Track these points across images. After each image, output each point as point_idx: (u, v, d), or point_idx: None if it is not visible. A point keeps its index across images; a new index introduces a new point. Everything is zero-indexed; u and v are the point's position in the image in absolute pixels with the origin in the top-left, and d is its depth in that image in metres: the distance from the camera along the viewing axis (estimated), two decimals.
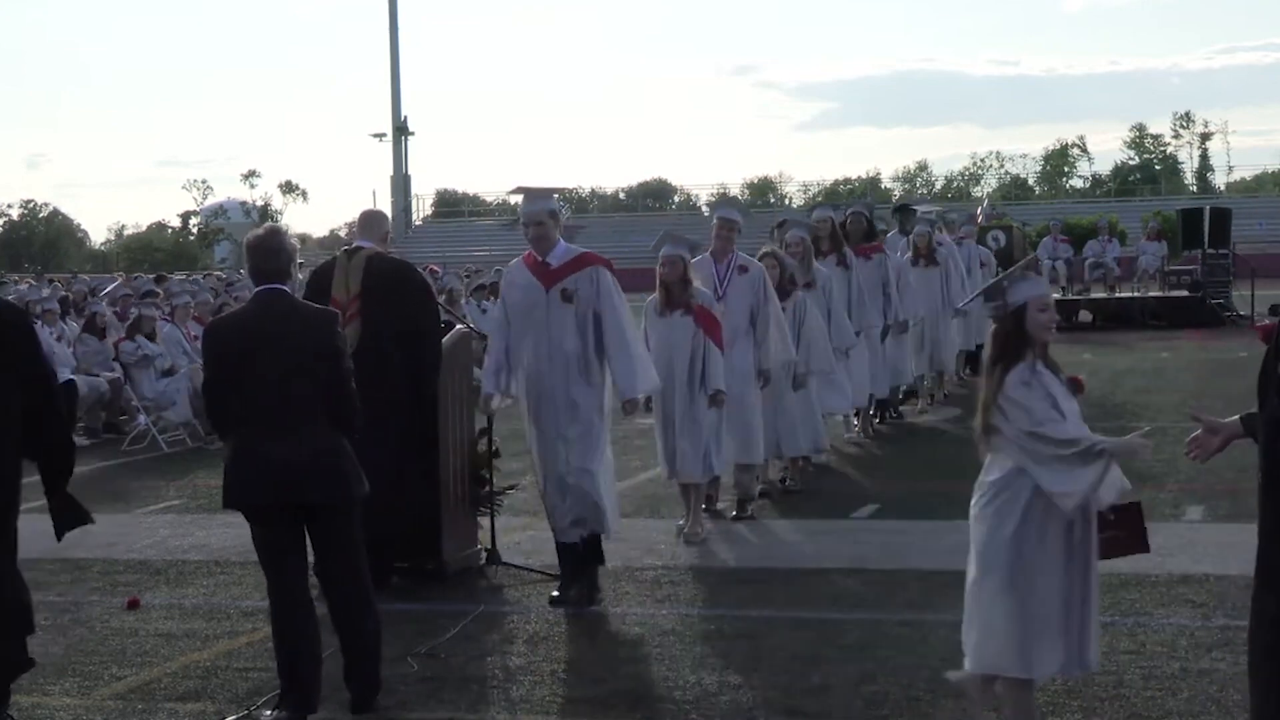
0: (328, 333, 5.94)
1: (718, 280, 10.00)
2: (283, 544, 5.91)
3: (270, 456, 5.77)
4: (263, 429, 5.79)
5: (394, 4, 62.54)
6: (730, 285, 10.05)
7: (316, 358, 5.85)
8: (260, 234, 6.05)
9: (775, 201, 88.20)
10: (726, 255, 10.15)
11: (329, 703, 6.05)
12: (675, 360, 9.26)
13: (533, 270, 8.01)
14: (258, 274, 6.02)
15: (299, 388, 5.79)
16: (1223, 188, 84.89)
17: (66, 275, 41.44)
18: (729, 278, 10.06)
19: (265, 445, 5.78)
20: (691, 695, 6.14)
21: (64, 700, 6.41)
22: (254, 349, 5.81)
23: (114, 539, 10.07)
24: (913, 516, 9.87)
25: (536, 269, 7.99)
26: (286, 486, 5.79)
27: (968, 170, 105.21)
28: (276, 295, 5.93)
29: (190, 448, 14.86)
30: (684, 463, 9.36)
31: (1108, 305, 28.35)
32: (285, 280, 5.99)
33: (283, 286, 5.97)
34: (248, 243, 6.09)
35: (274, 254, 5.96)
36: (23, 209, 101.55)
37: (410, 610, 7.68)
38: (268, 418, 5.79)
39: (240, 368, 5.82)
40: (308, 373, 5.81)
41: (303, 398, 5.80)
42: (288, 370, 5.79)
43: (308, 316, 6.01)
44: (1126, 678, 6.16)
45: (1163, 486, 10.58)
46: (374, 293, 8.27)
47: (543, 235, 7.96)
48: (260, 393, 5.79)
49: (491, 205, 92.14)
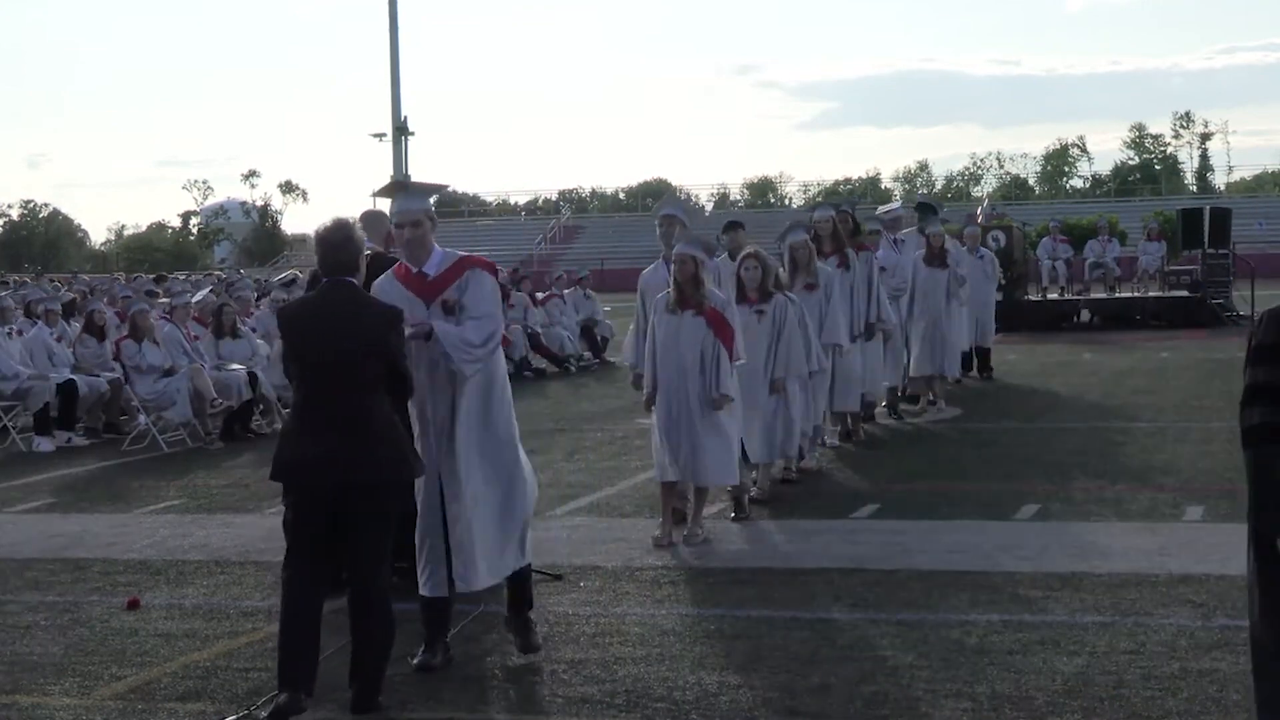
0: (382, 330, 6.09)
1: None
2: (313, 529, 6.01)
3: (315, 438, 5.96)
4: (313, 411, 6.03)
5: (394, 4, 62.40)
6: None
7: (370, 353, 6.02)
8: (329, 226, 6.24)
9: (775, 201, 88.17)
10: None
11: (329, 703, 6.05)
12: (686, 359, 9.10)
13: (406, 283, 6.68)
14: (325, 266, 6.19)
15: (349, 378, 5.99)
16: (1223, 188, 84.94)
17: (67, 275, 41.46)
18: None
19: (312, 427, 6.00)
20: (691, 695, 6.14)
21: (64, 700, 6.41)
22: (314, 334, 6.06)
23: (114, 539, 10.08)
24: (913, 516, 9.87)
25: (411, 281, 6.69)
26: (326, 471, 5.94)
27: (968, 170, 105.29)
28: (345, 287, 6.14)
29: (190, 448, 14.86)
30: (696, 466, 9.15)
31: (1108, 305, 28.36)
32: (352, 273, 6.18)
33: (350, 279, 6.16)
34: (317, 235, 6.27)
35: (342, 246, 6.16)
36: (23, 209, 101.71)
37: (410, 610, 7.66)
38: (318, 401, 6.02)
39: (301, 350, 6.09)
40: (359, 366, 6.00)
41: (352, 388, 5.98)
42: (340, 359, 5.99)
43: (367, 311, 6.17)
44: (1126, 678, 6.16)
45: (1163, 487, 10.59)
46: (374, 293, 8.26)
47: (419, 239, 6.68)
48: (314, 377, 6.03)
49: (491, 205, 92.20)
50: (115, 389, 16.04)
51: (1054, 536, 9.06)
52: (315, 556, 6.05)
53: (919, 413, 15.23)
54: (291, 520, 6.10)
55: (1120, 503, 10.08)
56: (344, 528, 6.03)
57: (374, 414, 6.02)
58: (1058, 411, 15.43)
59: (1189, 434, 13.11)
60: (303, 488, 6.03)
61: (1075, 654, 6.51)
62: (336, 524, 6.03)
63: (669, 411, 9.20)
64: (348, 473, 5.95)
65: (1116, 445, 12.69)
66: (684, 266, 9.11)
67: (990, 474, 11.51)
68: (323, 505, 6.00)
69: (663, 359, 9.15)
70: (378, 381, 6.05)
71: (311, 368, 6.06)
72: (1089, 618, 7.13)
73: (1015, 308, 26.30)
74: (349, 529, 6.03)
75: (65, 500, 11.84)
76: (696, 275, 9.11)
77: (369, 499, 6.01)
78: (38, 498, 11.09)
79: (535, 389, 19.94)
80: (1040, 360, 21.22)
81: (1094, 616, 7.16)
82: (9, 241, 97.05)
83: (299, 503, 6.05)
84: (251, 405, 15.81)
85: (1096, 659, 6.43)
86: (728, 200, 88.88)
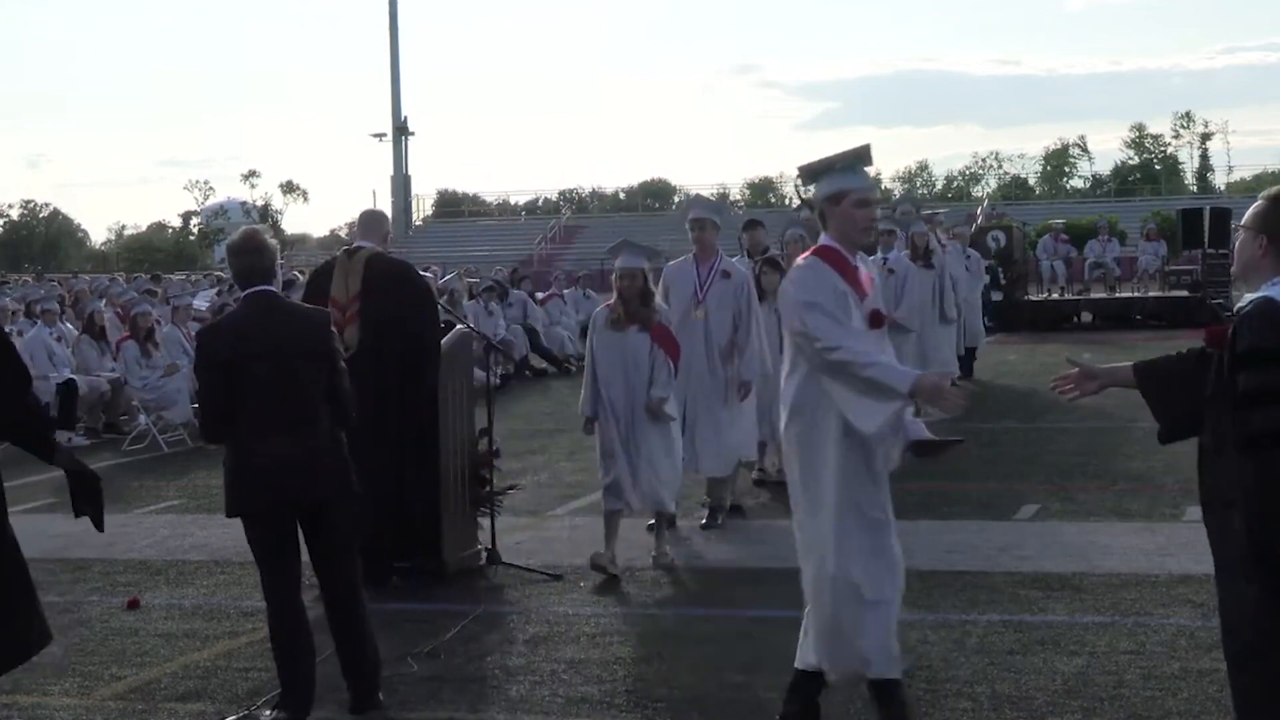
0: (321, 332, 5.97)
1: (698, 284, 9.61)
2: (280, 545, 5.92)
3: (269, 456, 5.78)
4: (260, 430, 5.80)
5: (394, 4, 62.52)
6: (711, 290, 9.59)
7: (310, 357, 5.87)
8: (239, 237, 6.04)
9: (775, 201, 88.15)
10: (709, 258, 9.70)
11: (329, 703, 6.05)
12: (632, 379, 8.48)
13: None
14: (243, 276, 6.00)
15: (294, 387, 5.81)
16: (1223, 188, 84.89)
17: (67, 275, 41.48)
18: (710, 282, 9.60)
19: (263, 447, 5.79)
20: (691, 695, 6.14)
21: (64, 700, 6.41)
22: (248, 351, 5.81)
23: (114, 539, 10.06)
24: (913, 516, 9.85)
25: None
26: (287, 486, 5.81)
27: (968, 170, 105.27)
28: (266, 296, 5.94)
29: (190, 448, 14.85)
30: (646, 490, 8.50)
31: (1108, 305, 28.37)
32: (270, 280, 5.99)
33: (270, 287, 5.97)
34: (229, 247, 6.08)
35: (257, 254, 5.95)
36: (23, 209, 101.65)
37: (410, 610, 7.68)
38: (264, 419, 5.80)
39: (235, 370, 5.81)
40: (302, 372, 5.83)
41: (298, 397, 5.82)
42: (282, 370, 5.80)
43: (300, 316, 6.04)
44: (1126, 678, 6.16)
45: (1163, 487, 10.59)
46: (374, 293, 8.28)
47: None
48: (256, 394, 5.80)
49: (491, 205, 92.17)
50: (115, 389, 16.05)
51: (1054, 536, 9.06)
52: (288, 561, 5.96)
53: None
54: (255, 539, 5.95)
55: (1120, 503, 10.09)
56: (308, 535, 5.96)
57: (317, 426, 5.85)
58: (1058, 411, 15.40)
59: None
60: (257, 515, 5.89)
61: (1075, 654, 6.51)
62: (298, 535, 5.95)
63: (617, 434, 8.53)
64: (297, 494, 5.83)
65: (1116, 445, 12.69)
66: (633, 280, 8.47)
67: (990, 474, 11.51)
68: (279, 524, 5.89)
69: (608, 378, 8.53)
70: (317, 387, 5.85)
71: (253, 383, 5.79)
72: (1089, 618, 7.13)
73: (1015, 308, 26.31)
74: (308, 539, 5.97)
75: (65, 500, 11.78)
76: (645, 289, 8.55)
77: (317, 517, 5.92)
78: (38, 498, 11.07)
79: (535, 389, 19.96)
80: (1040, 360, 21.20)
81: (1094, 616, 7.16)
82: (9, 241, 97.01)
83: (256, 527, 5.92)
84: None
85: (1096, 659, 6.43)
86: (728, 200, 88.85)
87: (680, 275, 9.70)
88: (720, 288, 9.59)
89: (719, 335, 9.57)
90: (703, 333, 9.54)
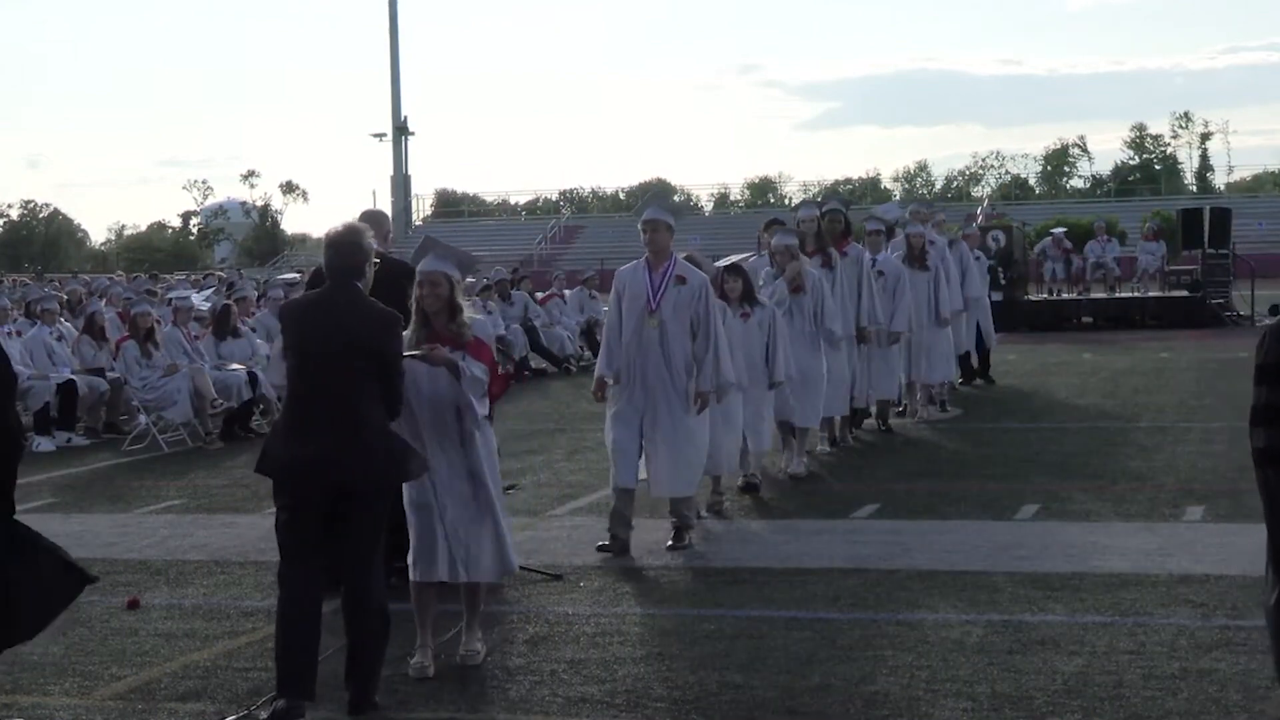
0: (384, 333, 6.12)
1: (651, 291, 8.90)
2: (307, 533, 5.99)
3: (308, 435, 5.95)
4: (307, 408, 6.02)
5: (394, 4, 62.56)
6: (665, 297, 8.87)
7: (369, 355, 6.03)
8: (342, 230, 6.28)
9: (775, 201, 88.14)
10: (662, 262, 8.94)
11: (329, 703, 6.05)
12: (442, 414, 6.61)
13: None
14: (333, 269, 6.23)
15: (346, 379, 5.98)
16: (1223, 188, 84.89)
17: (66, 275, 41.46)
18: (664, 288, 8.89)
19: (306, 424, 5.99)
20: (691, 695, 6.14)
21: (64, 700, 6.41)
22: (315, 330, 6.09)
23: (114, 539, 10.08)
24: (913, 516, 9.87)
25: None
26: (316, 469, 5.93)
27: (968, 170, 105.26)
28: (349, 289, 6.18)
29: (190, 448, 14.86)
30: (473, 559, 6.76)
31: (1108, 306, 28.38)
32: (359, 278, 6.21)
33: (357, 283, 6.20)
34: (327, 238, 6.32)
35: (352, 251, 6.21)
36: (23, 209, 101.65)
37: (410, 610, 7.67)
38: (314, 398, 6.01)
39: (298, 343, 6.11)
40: (357, 363, 6.00)
41: (348, 388, 5.98)
42: (337, 360, 5.99)
43: (372, 315, 6.17)
44: (1126, 678, 6.16)
45: (1163, 487, 10.59)
46: (374, 292, 8.25)
47: None
48: (311, 373, 6.03)
49: (491, 205, 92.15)
50: (115, 389, 16.05)
51: (1054, 536, 9.06)
52: (311, 556, 6.03)
53: (916, 421, 14.87)
54: (285, 522, 6.05)
55: (1120, 503, 10.08)
56: (337, 528, 6.02)
57: (368, 414, 6.01)
58: (1058, 411, 15.43)
59: (1189, 434, 13.10)
60: (295, 490, 6.00)
61: (1075, 654, 6.51)
62: (330, 524, 6.02)
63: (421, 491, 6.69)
64: (341, 474, 5.94)
65: (1116, 445, 12.68)
66: (435, 289, 6.63)
67: (990, 474, 11.51)
68: (316, 507, 5.98)
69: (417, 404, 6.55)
70: (371, 381, 6.03)
71: (308, 361, 6.05)
72: (1089, 618, 7.13)
73: (1015, 308, 26.31)
74: (341, 530, 6.03)
75: (65, 500, 11.84)
76: (452, 301, 6.66)
77: (361, 501, 6.01)
78: (38, 498, 11.09)
79: (535, 389, 19.95)
80: (1040, 360, 21.22)
81: (1094, 616, 7.15)
82: (9, 241, 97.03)
83: (292, 505, 6.02)
84: (251, 405, 15.82)
85: (1096, 659, 6.43)
86: (728, 200, 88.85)
87: (632, 281, 9.02)
88: (675, 294, 8.88)
89: (676, 345, 8.92)
90: (658, 342, 8.89)
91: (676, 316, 8.89)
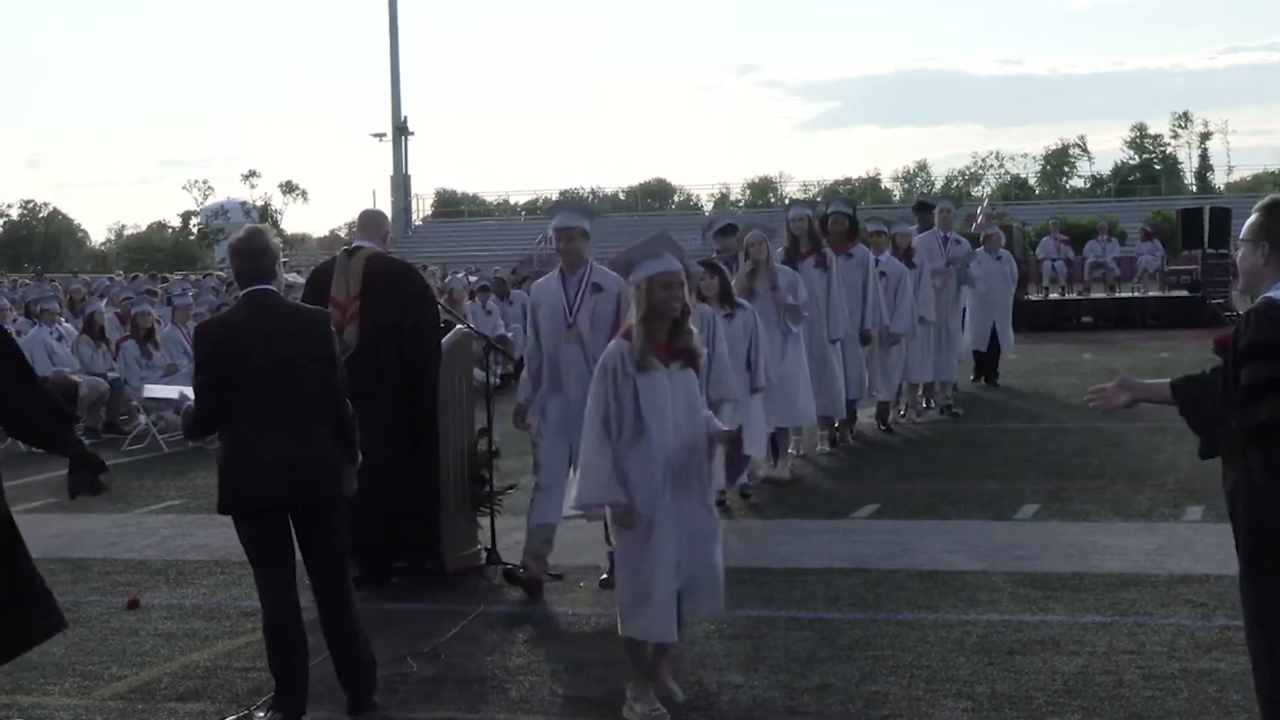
0: (320, 332, 5.97)
1: (567, 304, 8.12)
2: (275, 545, 5.90)
3: (265, 456, 5.77)
4: (256, 429, 5.79)
5: (394, 4, 62.51)
6: (582, 308, 8.08)
7: (310, 358, 5.87)
8: (243, 236, 6.03)
9: (775, 201, 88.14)
10: (576, 270, 8.14)
11: (328, 703, 6.05)
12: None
13: None
14: (244, 276, 6.00)
15: (291, 387, 5.81)
16: (1222, 188, 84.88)
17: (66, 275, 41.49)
18: (580, 298, 8.10)
19: (259, 445, 5.78)
20: (691, 695, 6.13)
21: (64, 700, 6.41)
22: (246, 348, 5.80)
23: (114, 539, 10.08)
24: (913, 516, 9.88)
25: None
26: (281, 486, 5.79)
27: (968, 170, 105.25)
28: (266, 295, 5.93)
29: (190, 448, 14.85)
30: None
31: (1108, 305, 28.38)
32: (272, 280, 5.97)
33: (271, 287, 5.96)
34: (231, 246, 6.06)
35: (259, 255, 5.95)
36: (23, 209, 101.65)
37: (410, 610, 7.68)
38: (261, 417, 5.79)
39: (232, 368, 5.81)
40: (300, 372, 5.83)
41: (295, 397, 5.81)
42: (280, 369, 5.79)
43: (299, 316, 6.03)
44: (1126, 678, 6.16)
45: (1163, 487, 10.59)
46: (374, 292, 8.28)
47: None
48: (253, 392, 5.79)
49: (491, 205, 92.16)
50: (115, 389, 16.05)
51: (1054, 536, 9.06)
52: (281, 561, 5.93)
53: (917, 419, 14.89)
54: (247, 538, 5.94)
55: (1120, 503, 10.09)
56: (300, 535, 5.94)
57: (313, 428, 5.84)
58: (1058, 411, 15.43)
59: (1189, 434, 13.00)
60: (254, 516, 5.87)
61: (1075, 654, 6.51)
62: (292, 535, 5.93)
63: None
64: (290, 495, 5.81)
65: (1116, 445, 12.69)
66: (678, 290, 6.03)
67: (990, 474, 11.51)
68: (272, 523, 5.86)
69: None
70: (319, 388, 5.86)
71: (257, 377, 5.78)
72: (1089, 618, 7.13)
73: (1015, 308, 26.24)
74: (302, 540, 5.95)
75: (65, 500, 11.82)
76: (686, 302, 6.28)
77: (311, 518, 5.91)
78: (38, 498, 11.09)
79: None
80: (1040, 360, 21.22)
81: (1094, 616, 7.16)
82: (9, 241, 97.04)
83: (248, 525, 5.90)
84: None
85: (1096, 659, 6.43)
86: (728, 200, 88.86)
87: (547, 295, 8.25)
88: (591, 304, 8.08)
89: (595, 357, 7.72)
90: (581, 357, 7.98)
91: (596, 328, 7.99)
